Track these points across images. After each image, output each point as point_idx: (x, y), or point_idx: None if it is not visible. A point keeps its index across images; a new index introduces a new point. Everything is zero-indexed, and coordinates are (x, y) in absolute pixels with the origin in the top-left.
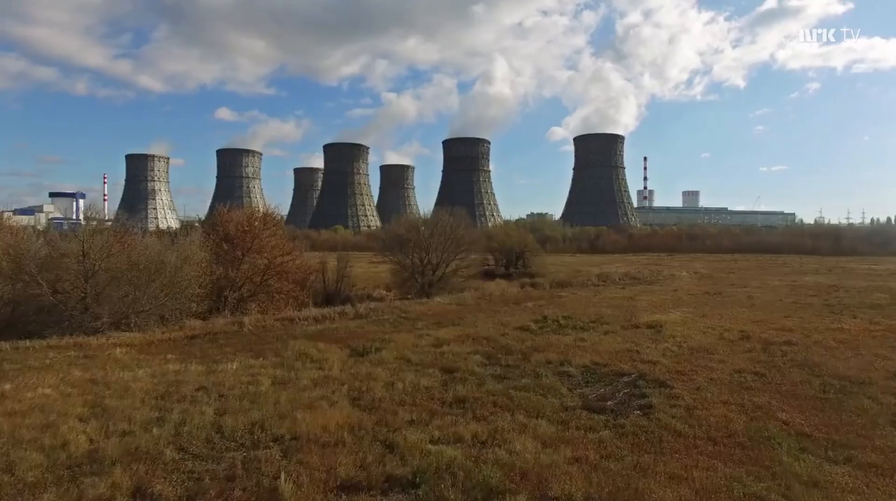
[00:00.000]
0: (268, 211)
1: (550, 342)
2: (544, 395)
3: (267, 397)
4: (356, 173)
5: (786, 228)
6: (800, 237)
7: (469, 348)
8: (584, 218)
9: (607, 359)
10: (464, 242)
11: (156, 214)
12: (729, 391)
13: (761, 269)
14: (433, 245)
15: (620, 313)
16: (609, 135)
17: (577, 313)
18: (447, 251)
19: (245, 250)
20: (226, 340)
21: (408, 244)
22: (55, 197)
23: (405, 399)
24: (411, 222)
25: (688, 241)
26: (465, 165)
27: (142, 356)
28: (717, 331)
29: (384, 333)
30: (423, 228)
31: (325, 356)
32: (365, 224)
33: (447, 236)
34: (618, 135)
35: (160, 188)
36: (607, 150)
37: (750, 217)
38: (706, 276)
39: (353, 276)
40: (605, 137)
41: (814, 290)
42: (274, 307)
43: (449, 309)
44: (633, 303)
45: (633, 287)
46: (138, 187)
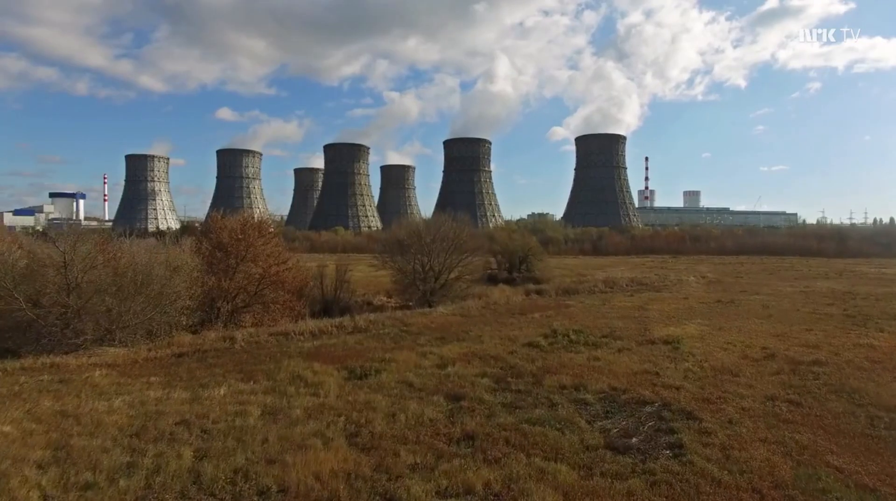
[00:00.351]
0: (262, 218)
1: (563, 362)
2: (561, 430)
3: (255, 433)
4: (357, 174)
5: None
6: (804, 239)
7: (476, 369)
8: (586, 218)
9: (626, 383)
10: (467, 247)
11: (156, 214)
12: (765, 425)
13: (769, 273)
14: (435, 251)
15: (633, 325)
16: (611, 135)
17: (587, 325)
18: (449, 258)
19: (239, 258)
20: (216, 358)
21: (409, 250)
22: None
23: (407, 435)
24: (412, 227)
25: (691, 242)
26: (465, 166)
27: (122, 380)
28: (737, 348)
29: (385, 350)
30: (425, 233)
31: (320, 379)
32: (365, 225)
33: (450, 241)
34: (619, 135)
35: (160, 189)
36: (609, 150)
37: (752, 217)
38: (715, 281)
39: (352, 281)
40: (607, 138)
41: (829, 298)
42: (269, 319)
43: (452, 321)
44: (645, 313)
45: (642, 294)
46: (138, 188)
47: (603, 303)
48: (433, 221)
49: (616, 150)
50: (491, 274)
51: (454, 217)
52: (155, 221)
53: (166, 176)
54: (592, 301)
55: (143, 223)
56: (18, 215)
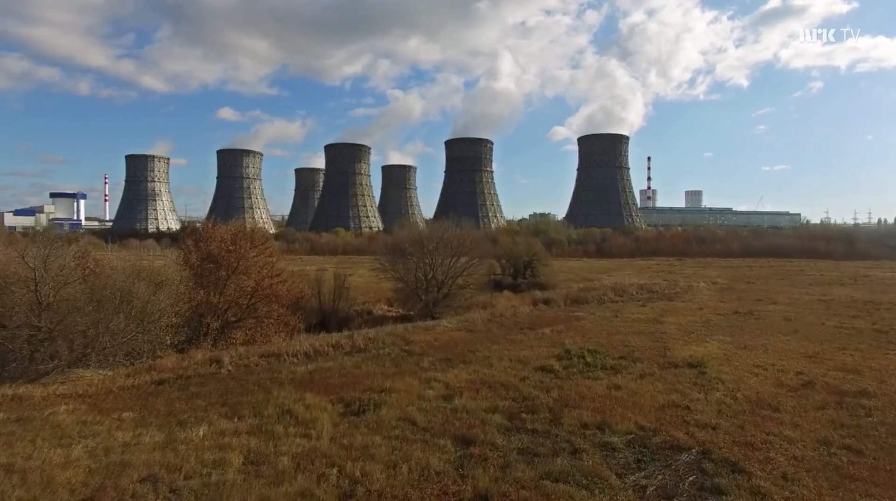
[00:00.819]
0: (255, 228)
1: (580, 391)
2: (588, 487)
3: (232, 493)
4: (358, 174)
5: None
6: (811, 241)
7: (486, 401)
8: (589, 219)
9: (654, 421)
10: (471, 255)
11: (156, 215)
12: (827, 483)
13: (780, 278)
14: (438, 260)
15: (650, 343)
16: (613, 135)
17: (601, 343)
18: (453, 267)
19: (230, 270)
20: (199, 386)
21: (410, 259)
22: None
23: (411, 495)
24: (414, 234)
25: (697, 244)
26: (467, 166)
27: (90, 417)
28: (769, 372)
29: (385, 375)
30: (427, 241)
31: (312, 415)
32: (366, 225)
33: (453, 249)
34: (622, 135)
35: (160, 189)
36: (611, 150)
37: (755, 218)
38: (727, 288)
39: (352, 288)
40: (610, 138)
41: (852, 308)
42: (262, 334)
43: (457, 337)
44: (660, 328)
45: (654, 304)
46: (138, 188)
47: (615, 315)
48: (436, 227)
49: (619, 150)
50: (495, 279)
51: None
52: (155, 221)
53: (166, 176)
54: (603, 313)
55: (144, 224)
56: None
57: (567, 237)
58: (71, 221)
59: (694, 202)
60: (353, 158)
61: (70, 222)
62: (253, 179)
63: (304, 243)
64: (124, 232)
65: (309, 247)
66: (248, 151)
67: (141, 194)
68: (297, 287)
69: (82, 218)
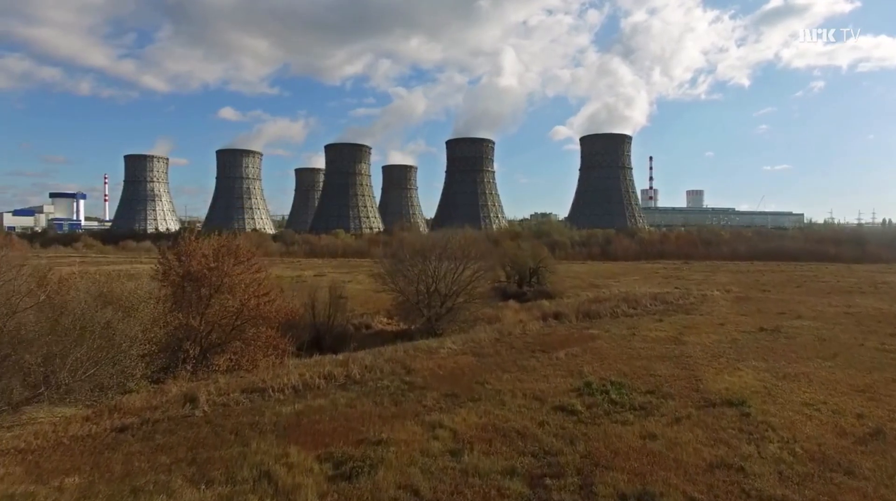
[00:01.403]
0: (239, 243)
1: (610, 442)
2: None
3: None
4: (358, 174)
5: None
6: (819, 243)
7: (501, 458)
8: (591, 219)
9: (706, 490)
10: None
11: (155, 215)
12: None
13: (796, 285)
14: (441, 272)
15: (678, 371)
16: (616, 135)
17: (624, 371)
18: (458, 279)
19: (213, 289)
20: (167, 434)
21: (411, 271)
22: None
23: None
24: (416, 244)
25: (703, 247)
26: (468, 166)
27: (23, 487)
28: (823, 414)
29: (383, 418)
30: (430, 251)
31: (295, 481)
32: (367, 226)
33: (458, 260)
34: (625, 135)
35: (160, 190)
36: (614, 150)
37: (759, 218)
38: (743, 297)
39: (350, 296)
40: (612, 137)
41: (885, 323)
42: (247, 360)
43: (463, 363)
44: (684, 350)
45: (671, 318)
46: (137, 188)
47: (632, 333)
48: (438, 235)
49: (621, 150)
50: (499, 287)
51: (459, 226)
52: (154, 222)
53: (166, 176)
54: (619, 330)
55: (143, 224)
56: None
57: (570, 239)
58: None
59: (695, 202)
60: (354, 159)
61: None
62: (253, 179)
63: (304, 246)
64: (123, 233)
65: (308, 249)
66: (247, 151)
67: (140, 195)
68: (287, 306)
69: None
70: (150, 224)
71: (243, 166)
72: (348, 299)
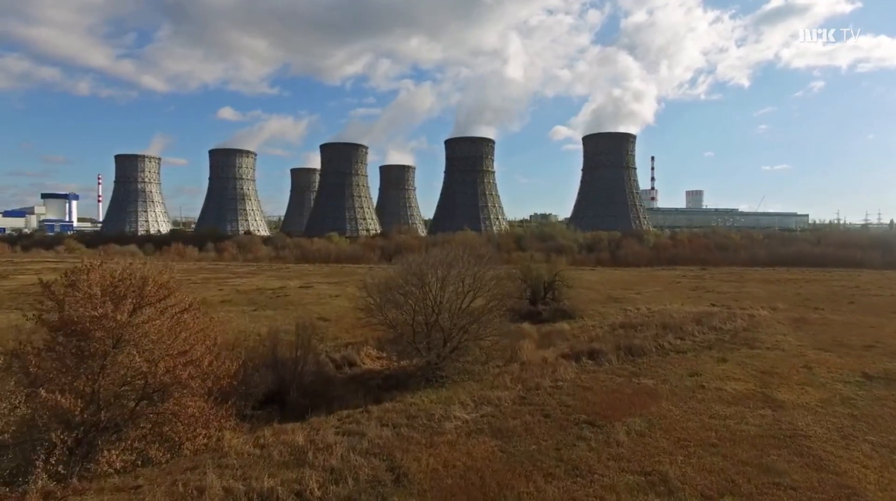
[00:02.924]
0: (147, 273)
1: None
2: None
3: None
4: (355, 174)
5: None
6: (844, 248)
7: None
8: (595, 221)
9: None
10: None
11: (146, 217)
12: None
13: (848, 301)
14: (444, 300)
15: (810, 474)
16: (620, 134)
17: (730, 478)
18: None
19: (107, 345)
20: None
21: (407, 301)
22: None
23: None
24: (413, 267)
25: (719, 252)
26: (468, 166)
27: None
28: None
29: None
30: (430, 275)
31: None
32: (364, 228)
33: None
34: (629, 134)
35: (151, 190)
36: (618, 149)
37: (764, 219)
38: (798, 319)
39: (334, 318)
40: (616, 136)
41: None
42: (160, 449)
43: (480, 455)
44: (790, 422)
45: (732, 354)
46: (128, 189)
47: (697, 383)
48: (443, 255)
49: (625, 149)
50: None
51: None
52: (146, 223)
53: (158, 177)
54: (677, 376)
55: (134, 226)
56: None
57: (574, 241)
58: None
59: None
60: (350, 158)
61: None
62: (247, 179)
63: (295, 250)
64: (111, 235)
65: (299, 253)
66: (241, 151)
67: (131, 196)
68: (225, 366)
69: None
70: (142, 226)
71: (237, 166)
72: (330, 321)
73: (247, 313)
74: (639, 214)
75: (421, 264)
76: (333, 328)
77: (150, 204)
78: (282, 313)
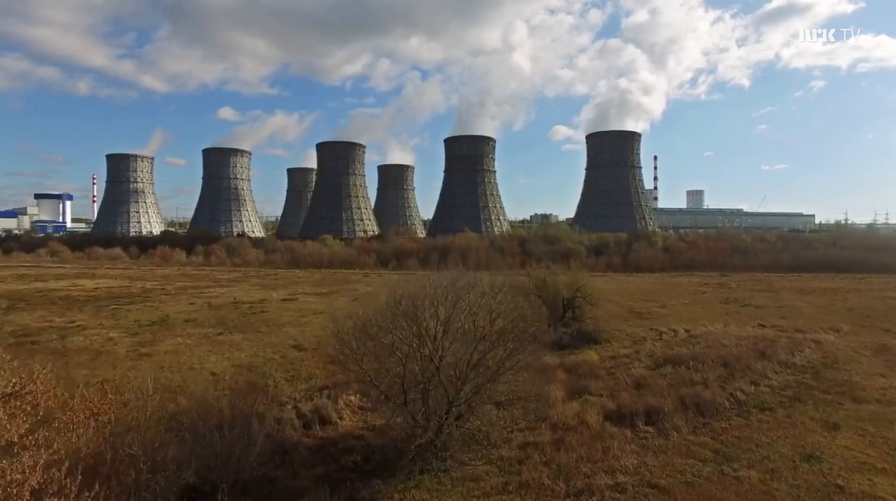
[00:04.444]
0: None
1: None
2: None
3: None
4: (352, 174)
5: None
6: (874, 252)
7: None
8: (599, 222)
9: None
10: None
11: (139, 218)
12: None
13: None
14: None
15: None
16: (625, 132)
17: None
18: (480, 372)
19: None
20: None
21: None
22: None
23: None
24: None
25: (738, 256)
26: (468, 165)
27: None
28: None
29: None
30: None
31: None
32: (361, 229)
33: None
34: (634, 132)
35: (144, 190)
36: (622, 148)
37: (770, 219)
38: (884, 348)
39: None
40: (620, 134)
41: None
42: None
43: None
44: None
45: (836, 411)
46: (120, 189)
47: (825, 480)
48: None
49: (630, 148)
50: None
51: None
52: (138, 224)
53: (151, 176)
54: (788, 465)
55: (126, 227)
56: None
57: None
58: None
59: (695, 202)
60: (347, 158)
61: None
62: (241, 179)
63: (285, 254)
64: (102, 236)
65: (290, 258)
66: (235, 150)
67: (123, 196)
68: None
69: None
70: (134, 227)
71: (231, 166)
72: (307, 351)
73: (210, 337)
74: (644, 214)
75: (416, 298)
76: (309, 362)
77: (142, 204)
78: (251, 337)
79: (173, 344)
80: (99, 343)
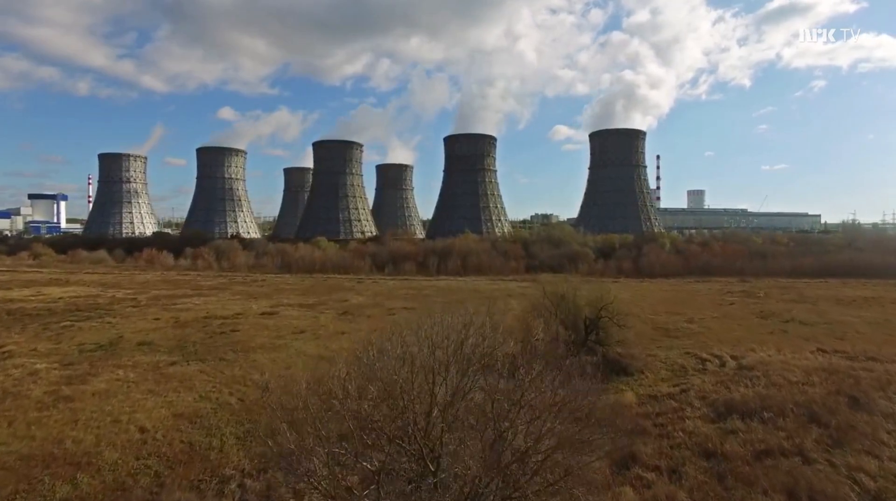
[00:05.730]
0: None
1: None
2: None
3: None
4: (349, 174)
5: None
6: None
7: None
8: (603, 223)
9: None
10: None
11: (131, 218)
12: None
13: None
14: (453, 442)
15: None
16: (629, 130)
17: None
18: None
19: None
20: None
21: (383, 433)
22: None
23: None
24: (383, 375)
25: (757, 260)
26: (468, 165)
27: None
28: None
29: None
30: (424, 397)
31: None
32: (358, 230)
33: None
34: (638, 130)
35: (137, 190)
36: (627, 147)
37: (777, 220)
38: None
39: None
40: (625, 133)
41: None
42: None
43: None
44: None
45: None
46: (112, 189)
47: None
48: (445, 338)
49: (635, 146)
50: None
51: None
52: (131, 225)
53: (144, 176)
54: None
55: (118, 228)
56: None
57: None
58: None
59: (696, 202)
60: (344, 157)
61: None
62: (236, 179)
63: (276, 257)
64: (93, 237)
65: (281, 261)
66: (230, 150)
67: (115, 196)
68: None
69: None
70: (126, 228)
71: (225, 166)
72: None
73: (159, 368)
74: (650, 215)
75: (399, 371)
76: (277, 422)
77: (135, 205)
78: (209, 369)
79: (108, 380)
80: (14, 379)
